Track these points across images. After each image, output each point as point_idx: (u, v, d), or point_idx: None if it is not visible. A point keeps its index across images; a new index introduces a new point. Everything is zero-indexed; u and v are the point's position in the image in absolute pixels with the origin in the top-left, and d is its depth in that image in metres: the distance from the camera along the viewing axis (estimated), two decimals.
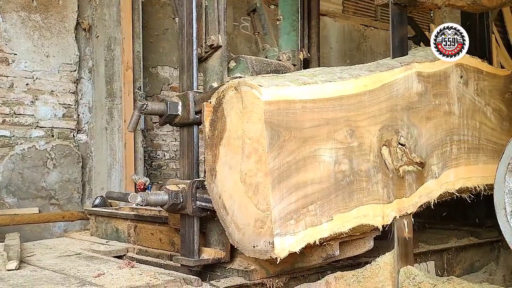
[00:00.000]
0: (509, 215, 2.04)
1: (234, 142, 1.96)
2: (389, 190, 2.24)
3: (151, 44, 6.07)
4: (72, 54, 5.35)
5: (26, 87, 5.10)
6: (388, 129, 2.25)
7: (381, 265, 2.51)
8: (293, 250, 1.89)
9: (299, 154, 1.91)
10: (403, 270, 2.51)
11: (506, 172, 2.03)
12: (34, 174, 5.06)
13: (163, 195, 2.39)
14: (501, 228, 2.08)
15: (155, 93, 6.12)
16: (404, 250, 2.53)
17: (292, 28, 2.99)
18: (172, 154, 6.30)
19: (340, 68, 2.25)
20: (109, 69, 5.39)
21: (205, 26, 2.60)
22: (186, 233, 2.51)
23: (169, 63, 6.28)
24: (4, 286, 2.18)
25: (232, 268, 2.54)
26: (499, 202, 2.06)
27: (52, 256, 2.96)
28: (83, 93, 5.51)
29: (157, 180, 6.01)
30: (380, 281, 2.47)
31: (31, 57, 5.11)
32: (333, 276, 2.50)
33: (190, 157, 2.53)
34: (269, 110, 1.84)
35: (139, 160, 5.50)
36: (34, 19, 5.15)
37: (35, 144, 5.10)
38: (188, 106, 2.45)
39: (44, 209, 5.03)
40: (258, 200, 1.87)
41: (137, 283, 2.25)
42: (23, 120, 5.07)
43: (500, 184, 2.06)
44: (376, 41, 8.42)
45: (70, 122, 5.34)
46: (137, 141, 5.49)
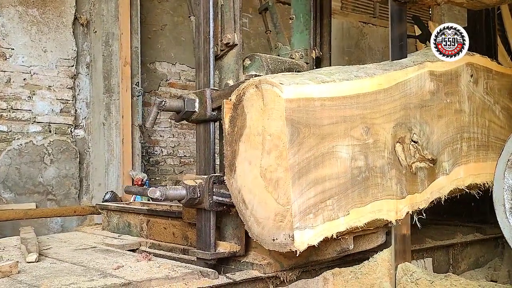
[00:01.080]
0: (508, 212, 2.06)
1: (254, 138, 2.02)
2: (402, 186, 2.30)
3: (149, 39, 6.04)
4: (69, 49, 5.32)
5: (24, 82, 5.07)
6: (401, 126, 2.31)
7: (378, 261, 2.54)
8: (312, 243, 1.95)
9: (317, 151, 1.97)
10: (400, 266, 2.52)
11: (505, 169, 2.06)
12: (31, 170, 5.03)
13: (181, 190, 2.44)
14: (500, 224, 2.10)
15: (153, 89, 6.11)
16: (401, 246, 2.55)
17: (305, 27, 3.05)
18: (170, 150, 6.30)
19: (356, 67, 2.30)
20: (107, 65, 5.37)
21: (220, 24, 2.65)
22: (203, 227, 2.57)
23: (167, 59, 6.24)
24: (27, 278, 2.24)
25: (246, 261, 2.60)
26: (498, 199, 2.09)
27: (69, 249, 3.02)
28: (81, 88, 5.49)
29: (154, 176, 6.03)
30: (378, 277, 2.50)
31: (28, 52, 5.08)
32: (331, 272, 2.53)
33: (207, 152, 2.58)
34: (290, 107, 1.89)
35: (136, 156, 5.50)
36: (31, 14, 5.11)
37: (32, 139, 5.07)
38: (205, 103, 2.51)
39: (41, 204, 5.02)
40: (278, 194, 1.93)
41: (156, 275, 2.31)
42: (20, 115, 5.05)
43: (499, 180, 2.08)
44: (375, 38, 8.41)
45: (68, 118, 5.33)
46: (134, 137, 5.48)
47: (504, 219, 2.06)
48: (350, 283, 2.49)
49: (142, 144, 5.68)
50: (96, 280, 2.19)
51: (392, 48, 2.55)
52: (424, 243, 3.39)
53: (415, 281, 2.43)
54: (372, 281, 2.48)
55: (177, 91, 6.29)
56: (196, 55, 2.66)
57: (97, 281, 2.17)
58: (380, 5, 8.32)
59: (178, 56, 6.34)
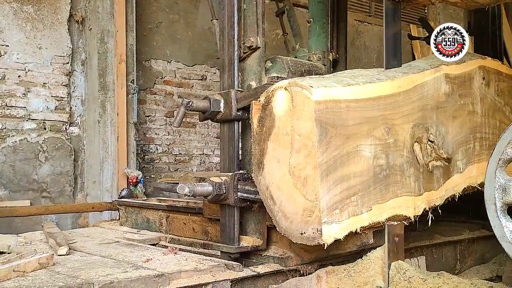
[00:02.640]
0: (499, 211, 2.05)
1: (283, 138, 2.13)
2: (419, 183, 2.42)
3: (145, 37, 6.04)
4: (64, 47, 5.32)
5: (18, 79, 5.06)
6: (419, 127, 2.43)
7: (372, 259, 2.57)
8: (338, 237, 2.07)
9: (343, 150, 2.09)
10: (394, 264, 2.54)
11: (496, 168, 2.04)
12: (25, 167, 5.02)
13: (208, 186, 2.56)
14: (491, 223, 2.08)
15: (148, 87, 6.14)
16: (395, 245, 2.57)
17: (322, 30, 3.16)
18: (165, 148, 6.30)
19: (377, 70, 2.42)
20: (102, 62, 5.37)
21: (243, 28, 2.77)
22: (227, 222, 2.68)
23: (163, 57, 6.27)
24: (64, 269, 2.34)
25: (267, 255, 2.71)
26: (489, 198, 2.07)
27: (93, 243, 3.13)
28: (76, 85, 5.48)
29: (149, 174, 6.06)
30: (371, 275, 2.53)
31: (23, 48, 5.06)
32: (324, 270, 2.57)
33: (231, 151, 2.69)
34: (318, 109, 2.01)
35: (131, 154, 5.53)
36: (26, 11, 5.09)
37: (26, 136, 5.05)
38: (231, 104, 2.62)
39: (36, 202, 4.99)
40: (306, 191, 2.05)
41: (185, 267, 2.42)
42: (14, 112, 5.04)
43: (490, 179, 2.06)
44: (370, 36, 8.45)
45: (63, 115, 5.31)
46: (129, 134, 5.50)
47: (495, 218, 2.06)
48: (343, 281, 2.53)
49: (137, 141, 5.72)
50: (130, 271, 2.30)
51: (387, 47, 2.55)
52: (433, 239, 3.51)
53: (408, 279, 2.46)
54: (366, 279, 2.52)
55: (173, 89, 6.35)
56: (221, 57, 2.78)
57: (131, 272, 2.28)
58: (375, 4, 8.34)
59: (173, 53, 6.36)
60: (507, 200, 2.03)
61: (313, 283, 2.52)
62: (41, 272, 2.27)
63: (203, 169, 6.61)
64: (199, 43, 6.59)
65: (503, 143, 2.03)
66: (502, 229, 2.03)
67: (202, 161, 6.68)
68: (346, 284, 2.52)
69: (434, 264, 3.56)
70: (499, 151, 2.05)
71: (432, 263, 3.55)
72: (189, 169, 6.46)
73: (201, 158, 6.68)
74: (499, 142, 2.05)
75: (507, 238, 2.01)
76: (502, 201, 2.04)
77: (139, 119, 5.88)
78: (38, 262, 2.31)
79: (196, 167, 6.57)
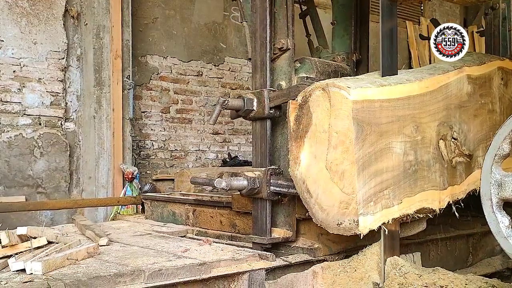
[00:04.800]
0: (494, 206, 2.04)
1: (320, 135, 2.28)
2: (444, 178, 2.57)
3: (140, 32, 6.01)
4: (60, 42, 5.29)
5: (13, 74, 5.02)
6: (444, 125, 2.58)
7: (367, 255, 2.63)
8: (372, 228, 2.22)
9: (377, 146, 2.24)
10: (389, 260, 2.59)
11: (492, 164, 2.04)
12: (21, 162, 4.99)
13: (243, 180, 2.70)
14: (486, 219, 2.08)
15: (144, 82, 6.11)
16: (390, 241, 2.63)
17: (345, 32, 3.31)
18: (161, 144, 6.29)
19: (405, 71, 2.57)
20: (97, 58, 5.34)
21: (274, 30, 2.91)
22: (259, 215, 2.83)
23: (159, 52, 6.23)
24: (111, 258, 2.48)
25: (297, 246, 2.86)
26: (485, 193, 2.06)
27: (127, 235, 3.26)
28: (71, 81, 5.44)
29: (145, 170, 6.05)
30: (367, 271, 2.57)
31: (18, 44, 5.03)
32: (320, 266, 2.61)
33: (263, 147, 2.83)
34: (355, 108, 2.16)
35: (127, 150, 5.50)
36: (21, 5, 5.06)
37: (22, 132, 5.03)
38: (263, 102, 2.76)
39: (31, 197, 4.99)
40: (343, 184, 2.19)
41: (223, 257, 2.57)
42: (10, 108, 5.01)
43: (486, 175, 2.05)
44: None
45: (58, 110, 5.29)
46: (125, 130, 5.47)
47: (490, 213, 2.05)
48: (339, 276, 2.59)
49: (132, 137, 5.69)
50: (174, 260, 2.44)
51: (383, 44, 2.55)
52: (448, 232, 3.67)
53: (404, 274, 2.50)
54: (361, 274, 2.56)
55: (169, 85, 6.33)
56: (253, 58, 2.91)
57: (175, 261, 2.43)
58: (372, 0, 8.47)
59: (169, 49, 6.33)
60: (503, 195, 2.02)
61: (309, 279, 2.58)
62: (90, 260, 2.42)
63: (199, 165, 6.61)
64: (195, 39, 6.58)
65: (499, 138, 2.03)
66: (498, 224, 2.03)
67: (198, 157, 6.68)
68: (342, 279, 2.57)
69: (448, 256, 3.72)
70: (495, 147, 2.04)
71: (446, 256, 3.70)
72: (185, 165, 6.46)
73: (197, 154, 6.68)
74: (495, 138, 2.05)
75: (502, 233, 2.01)
76: (498, 197, 2.03)
77: (134, 115, 5.84)
78: (86, 251, 2.45)
79: (192, 163, 6.57)
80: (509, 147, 2.02)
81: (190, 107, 6.62)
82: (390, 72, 2.49)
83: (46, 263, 2.12)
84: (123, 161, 5.39)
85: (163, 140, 6.31)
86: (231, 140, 7.07)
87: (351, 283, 2.56)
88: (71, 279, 2.03)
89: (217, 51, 6.82)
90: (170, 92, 6.41)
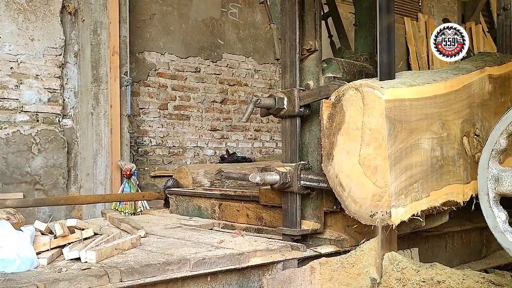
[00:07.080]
0: (491, 201, 2.04)
1: (353, 132, 2.42)
2: (467, 172, 2.72)
3: (138, 29, 6.04)
4: (57, 38, 5.32)
5: (10, 71, 5.06)
6: (467, 122, 2.73)
7: (365, 251, 2.66)
8: (403, 219, 2.36)
9: (407, 143, 2.38)
10: (387, 255, 2.62)
11: (489, 158, 2.04)
12: (18, 159, 5.01)
13: (275, 175, 2.85)
14: (484, 213, 2.08)
15: (142, 79, 6.14)
16: (388, 236, 2.66)
17: (368, 33, 3.44)
18: (159, 141, 6.32)
19: (431, 71, 2.71)
20: (95, 54, 5.36)
21: (302, 32, 3.04)
22: (289, 208, 2.97)
23: (156, 49, 6.26)
24: (153, 248, 2.63)
25: (324, 237, 3.01)
26: (482, 188, 2.06)
27: (159, 228, 3.41)
28: (69, 77, 5.47)
29: (143, 167, 6.11)
30: (364, 266, 2.60)
31: (15, 40, 5.05)
32: (318, 262, 2.65)
33: (293, 144, 2.97)
34: (388, 107, 2.30)
35: (125, 146, 5.53)
36: (18, 2, 5.07)
37: (19, 128, 5.05)
38: (294, 101, 2.90)
39: (29, 194, 5.02)
40: (376, 178, 2.34)
41: (258, 247, 2.72)
42: (7, 104, 5.05)
43: (483, 170, 2.06)
44: None
45: (55, 107, 5.31)
46: (123, 127, 5.50)
47: (488, 208, 2.05)
48: (337, 272, 2.63)
49: (130, 134, 5.74)
50: (213, 250, 2.59)
51: (380, 40, 2.56)
52: (464, 225, 3.81)
53: (401, 270, 2.53)
54: (359, 270, 2.60)
55: (166, 81, 6.38)
56: (282, 59, 3.05)
57: (214, 251, 2.58)
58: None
59: (167, 45, 6.37)
60: (500, 190, 2.02)
61: (307, 274, 2.63)
62: (135, 250, 2.57)
63: (197, 161, 6.66)
64: (193, 35, 6.63)
65: (496, 133, 2.04)
66: (495, 219, 2.04)
67: (196, 153, 6.73)
68: (340, 275, 2.62)
69: (463, 248, 3.87)
70: (492, 142, 2.05)
71: (461, 248, 3.85)
72: (183, 161, 6.52)
73: (195, 151, 6.72)
74: (492, 132, 2.05)
75: (499, 228, 2.03)
76: (495, 192, 2.03)
77: (132, 111, 5.88)
78: (131, 242, 2.60)
79: (190, 160, 6.62)
80: (506, 141, 2.03)
81: (188, 103, 6.67)
82: (387, 69, 2.50)
83: (99, 252, 2.27)
84: (121, 157, 5.43)
85: (161, 137, 6.36)
86: (229, 137, 7.12)
87: (349, 278, 2.62)
88: (125, 267, 2.17)
89: (214, 48, 6.86)
90: (168, 88, 6.46)
